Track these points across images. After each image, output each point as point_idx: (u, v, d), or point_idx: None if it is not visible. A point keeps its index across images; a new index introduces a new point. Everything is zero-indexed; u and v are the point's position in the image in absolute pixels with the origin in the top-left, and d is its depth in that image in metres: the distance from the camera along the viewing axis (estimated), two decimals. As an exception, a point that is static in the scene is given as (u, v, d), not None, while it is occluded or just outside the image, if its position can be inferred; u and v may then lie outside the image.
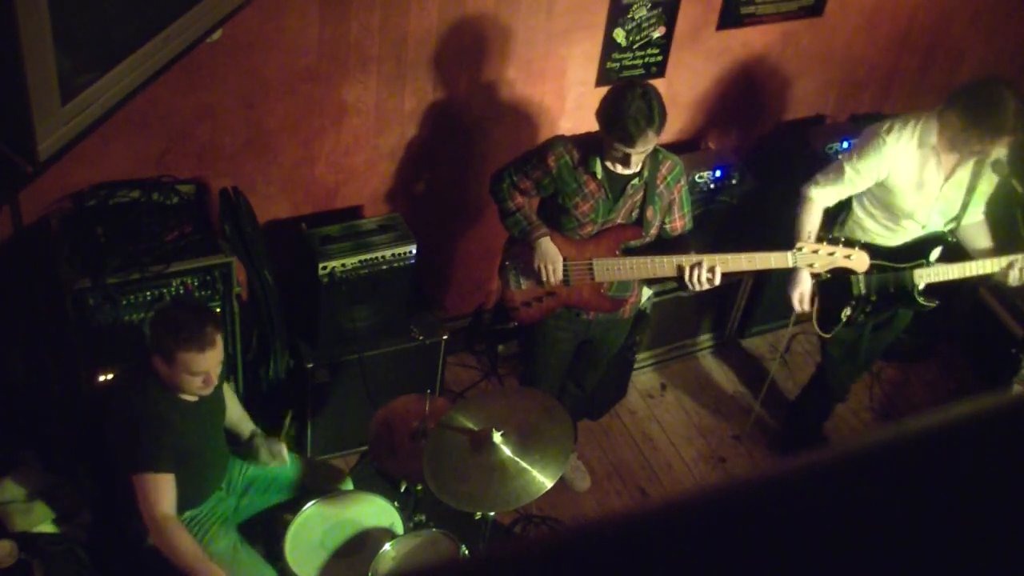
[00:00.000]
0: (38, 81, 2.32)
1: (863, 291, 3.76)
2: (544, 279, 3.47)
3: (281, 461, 3.36)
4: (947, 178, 3.57)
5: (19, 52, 2.23)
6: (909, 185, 3.57)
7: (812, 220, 3.69)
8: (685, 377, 5.00)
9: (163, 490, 2.95)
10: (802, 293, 3.78)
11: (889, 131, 3.56)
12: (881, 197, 3.66)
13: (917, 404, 4.98)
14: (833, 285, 3.80)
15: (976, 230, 3.73)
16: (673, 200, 3.48)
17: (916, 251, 3.71)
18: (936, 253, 3.69)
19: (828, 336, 3.93)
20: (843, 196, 3.72)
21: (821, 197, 3.70)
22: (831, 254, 3.36)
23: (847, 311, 3.81)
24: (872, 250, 3.59)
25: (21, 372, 3.82)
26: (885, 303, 3.79)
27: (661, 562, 0.52)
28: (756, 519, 0.53)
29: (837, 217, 3.84)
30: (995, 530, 0.51)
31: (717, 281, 3.33)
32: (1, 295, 3.66)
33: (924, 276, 3.70)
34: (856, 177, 3.62)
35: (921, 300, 3.74)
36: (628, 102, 3.16)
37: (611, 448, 4.59)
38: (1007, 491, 0.52)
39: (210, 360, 2.93)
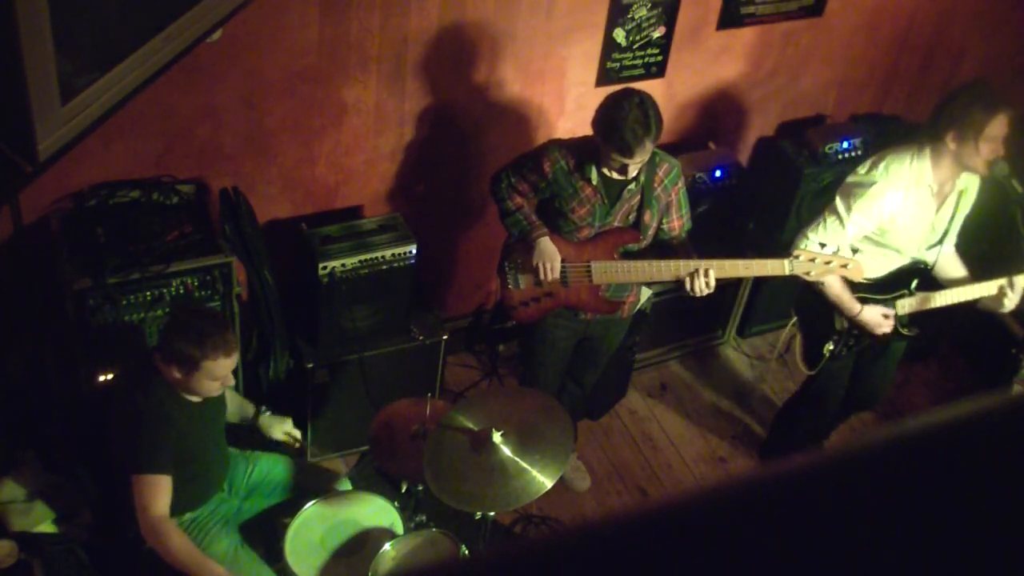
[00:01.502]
0: (38, 81, 2.32)
1: (845, 325, 3.72)
2: (541, 277, 3.47)
3: (293, 437, 3.39)
4: (937, 210, 3.55)
5: (19, 52, 2.23)
6: (905, 222, 3.53)
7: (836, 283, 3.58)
8: (685, 377, 5.00)
9: (159, 492, 2.96)
10: (882, 321, 3.67)
11: (884, 173, 3.46)
12: (874, 234, 3.58)
13: (917, 404, 4.98)
14: (816, 320, 3.78)
15: (949, 261, 3.69)
16: (671, 202, 3.48)
17: (897, 282, 3.66)
18: (916, 282, 3.65)
19: (813, 372, 3.89)
20: (842, 245, 3.56)
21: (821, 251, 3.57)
22: (827, 263, 3.34)
23: (829, 345, 3.77)
24: (854, 284, 3.55)
25: (21, 372, 3.82)
26: (867, 335, 3.74)
27: (661, 562, 0.52)
28: (756, 519, 0.53)
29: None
30: (995, 530, 0.51)
31: (713, 286, 3.33)
32: (1, 295, 3.66)
33: (907, 306, 3.66)
34: (855, 226, 3.51)
35: (904, 331, 3.72)
36: (625, 112, 3.15)
37: (611, 448, 4.59)
38: (1007, 491, 0.52)
39: (233, 364, 2.99)
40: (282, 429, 3.41)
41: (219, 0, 2.76)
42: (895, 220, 3.51)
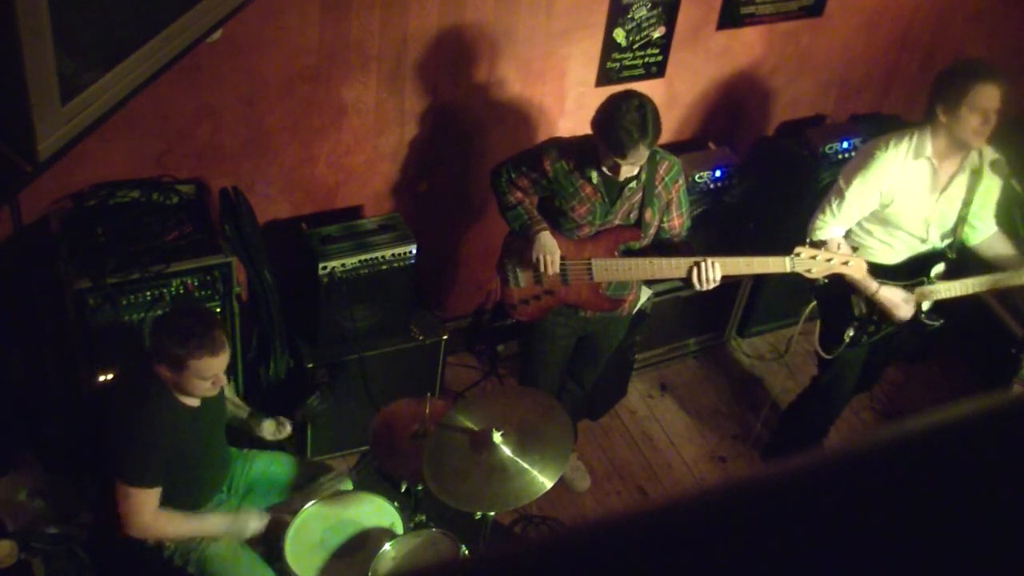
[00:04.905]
0: (38, 81, 2.31)
1: (864, 311, 3.72)
2: (541, 270, 3.46)
3: (285, 432, 3.37)
4: (942, 191, 3.55)
5: (19, 52, 2.23)
6: (905, 197, 3.54)
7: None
8: (685, 377, 5.00)
9: (147, 503, 2.97)
10: (900, 303, 3.65)
11: (883, 147, 3.52)
12: (877, 211, 3.62)
13: (917, 404, 4.98)
14: (835, 306, 3.78)
15: (994, 247, 3.70)
16: (671, 200, 3.48)
17: (916, 268, 3.67)
18: (937, 269, 3.66)
19: (830, 357, 3.87)
20: (852, 223, 3.64)
21: (832, 233, 3.61)
22: (828, 260, 3.34)
23: (850, 332, 3.77)
24: (874, 268, 3.56)
25: (21, 372, 3.82)
26: (887, 322, 3.74)
27: (661, 562, 0.52)
28: (756, 519, 0.53)
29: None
30: (995, 530, 0.51)
31: (719, 278, 3.33)
32: (1, 295, 3.66)
33: (927, 294, 3.66)
34: (859, 199, 3.55)
35: (923, 319, 3.72)
36: (623, 113, 3.15)
37: (611, 448, 4.59)
38: (1007, 491, 0.52)
39: (222, 363, 2.93)
40: (269, 430, 3.36)
41: (219, 0, 2.76)
42: (894, 194, 3.54)
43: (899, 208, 3.56)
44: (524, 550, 0.60)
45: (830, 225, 3.62)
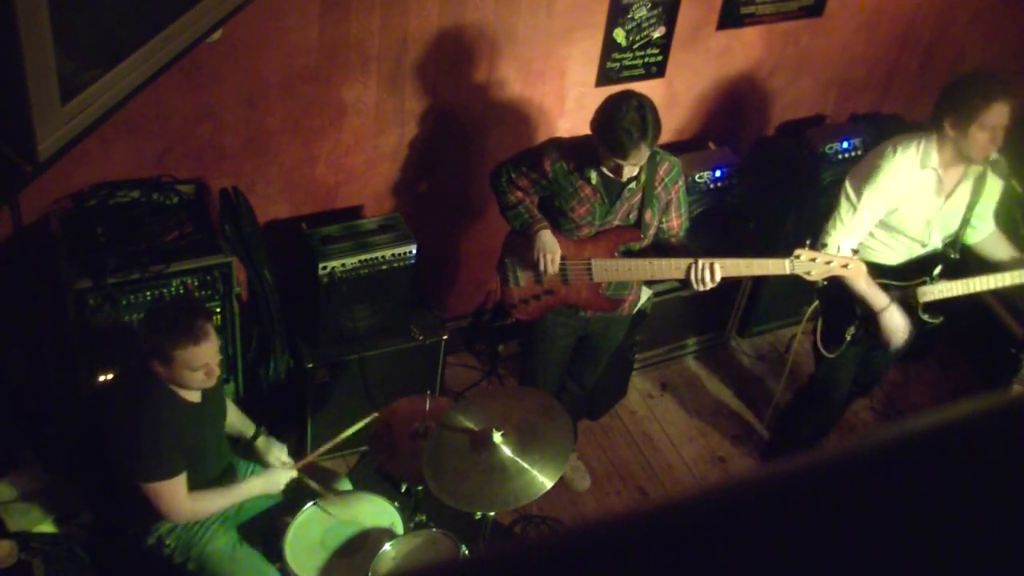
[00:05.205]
0: (38, 81, 2.31)
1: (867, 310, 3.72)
2: (541, 269, 3.46)
3: (288, 464, 3.36)
4: (947, 198, 3.56)
5: (19, 52, 2.23)
6: (910, 204, 3.54)
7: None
8: (685, 377, 5.00)
9: (179, 491, 2.99)
10: (898, 329, 3.64)
11: (891, 154, 3.50)
12: (882, 217, 3.60)
13: (917, 404, 4.98)
14: (836, 304, 3.77)
15: (995, 248, 3.70)
16: (671, 200, 3.49)
17: (919, 269, 3.67)
18: (938, 270, 3.66)
19: (832, 356, 3.86)
20: (863, 234, 3.59)
21: (845, 246, 3.56)
22: (828, 263, 3.34)
23: (851, 330, 3.77)
24: (874, 269, 3.56)
25: (21, 372, 3.82)
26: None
27: (661, 562, 0.52)
28: (756, 519, 0.53)
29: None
30: (995, 530, 0.51)
31: (718, 278, 3.33)
32: (1, 295, 3.66)
33: (928, 293, 3.65)
34: (870, 209, 3.52)
35: (925, 317, 3.72)
36: (623, 113, 3.15)
37: (611, 448, 4.59)
38: (1007, 491, 0.52)
39: (208, 352, 2.91)
40: (278, 457, 3.37)
41: (219, 0, 2.76)
42: (900, 201, 3.53)
43: (903, 214, 3.57)
44: (524, 550, 0.60)
45: (843, 237, 3.58)
